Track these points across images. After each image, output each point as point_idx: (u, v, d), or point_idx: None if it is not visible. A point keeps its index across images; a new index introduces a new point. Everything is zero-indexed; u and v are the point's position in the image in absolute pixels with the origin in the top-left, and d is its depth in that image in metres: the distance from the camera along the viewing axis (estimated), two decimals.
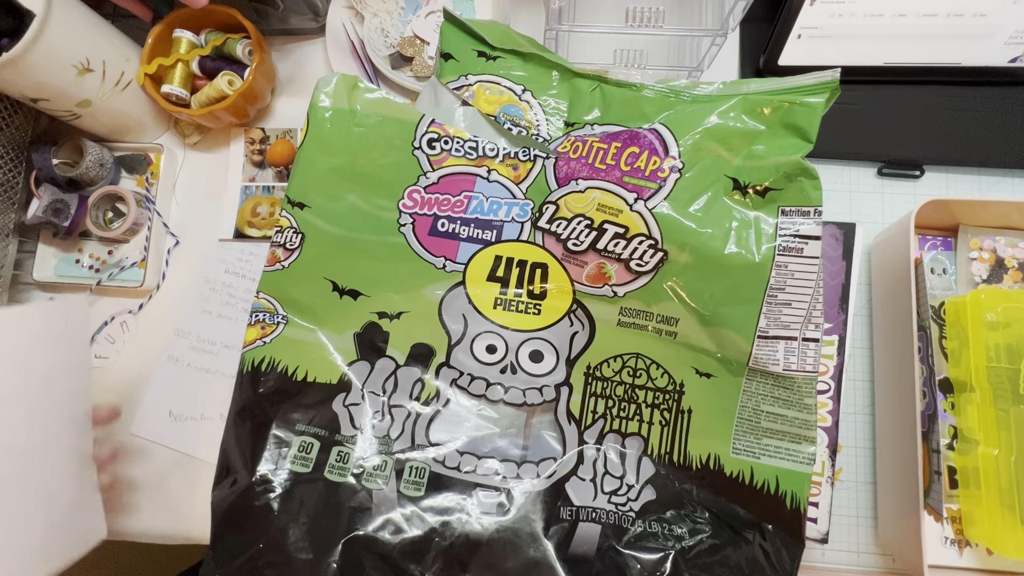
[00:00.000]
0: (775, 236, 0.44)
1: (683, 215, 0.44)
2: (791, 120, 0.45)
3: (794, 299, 0.43)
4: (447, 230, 0.48)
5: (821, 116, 0.44)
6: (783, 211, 0.44)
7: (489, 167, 0.49)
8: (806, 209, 0.43)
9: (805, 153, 0.44)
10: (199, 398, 0.57)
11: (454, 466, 0.44)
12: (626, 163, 0.46)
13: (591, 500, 0.44)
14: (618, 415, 0.46)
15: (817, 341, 0.43)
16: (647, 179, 0.45)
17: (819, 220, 0.43)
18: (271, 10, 0.61)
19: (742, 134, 0.46)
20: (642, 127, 0.47)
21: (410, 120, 0.49)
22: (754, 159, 0.45)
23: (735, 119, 0.46)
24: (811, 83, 0.44)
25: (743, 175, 0.45)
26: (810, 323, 0.43)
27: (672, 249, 0.44)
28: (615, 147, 0.46)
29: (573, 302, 0.47)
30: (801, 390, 0.44)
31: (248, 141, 0.62)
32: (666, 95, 0.48)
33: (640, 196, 0.45)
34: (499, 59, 0.51)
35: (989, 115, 0.58)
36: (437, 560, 0.42)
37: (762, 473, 0.44)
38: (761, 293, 0.43)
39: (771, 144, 0.45)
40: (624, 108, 0.48)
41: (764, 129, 0.46)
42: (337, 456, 0.44)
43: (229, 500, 0.43)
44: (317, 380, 0.46)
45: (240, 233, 0.60)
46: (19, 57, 0.47)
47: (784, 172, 0.44)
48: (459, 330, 0.47)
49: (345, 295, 0.47)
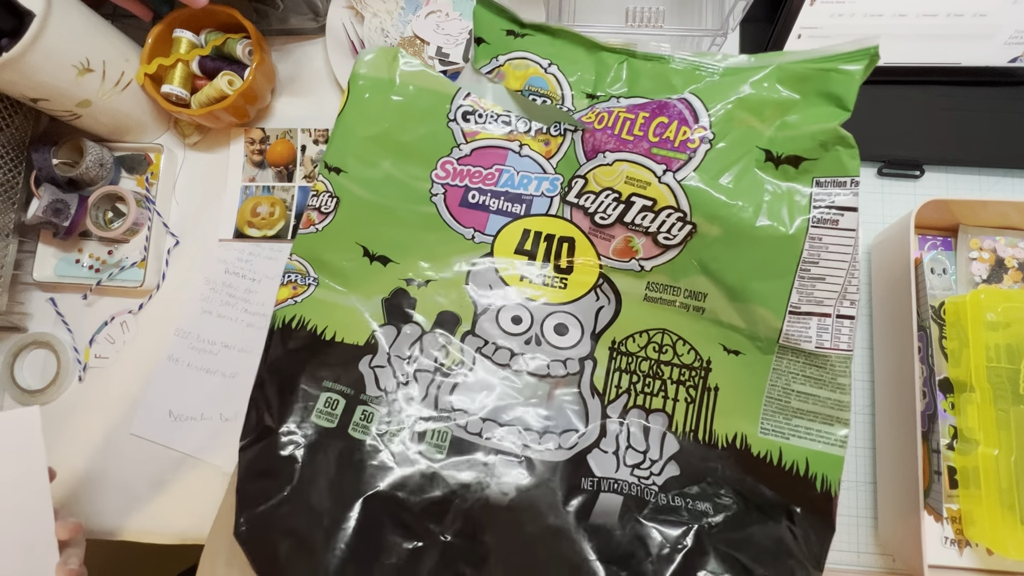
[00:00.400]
0: (809, 208, 0.42)
1: (713, 187, 0.44)
2: (828, 88, 0.43)
3: (828, 273, 0.42)
4: (477, 202, 0.49)
5: (859, 84, 0.43)
6: (818, 182, 0.43)
7: (521, 142, 0.49)
8: (842, 179, 0.42)
9: (842, 121, 0.42)
10: (199, 398, 0.57)
11: (476, 432, 0.44)
12: (655, 133, 0.45)
13: (613, 472, 0.43)
14: (642, 391, 0.45)
15: (852, 318, 0.42)
16: (676, 150, 0.45)
17: (855, 191, 0.42)
18: (271, 10, 0.61)
19: (776, 104, 0.45)
20: (671, 97, 0.46)
21: (447, 92, 0.50)
22: (788, 129, 0.44)
23: (769, 89, 0.45)
24: (849, 50, 0.43)
25: (776, 146, 0.44)
26: (845, 299, 0.42)
27: (701, 222, 0.44)
28: (643, 117, 0.46)
29: (600, 276, 0.47)
30: (835, 369, 0.42)
31: (248, 141, 0.62)
32: (696, 67, 0.47)
33: (669, 168, 0.44)
34: (527, 36, 0.52)
35: (989, 115, 0.58)
36: (456, 521, 0.42)
37: (791, 454, 0.43)
38: (793, 267, 0.42)
39: (806, 113, 0.44)
40: (652, 80, 0.48)
41: (799, 99, 0.44)
42: (361, 415, 0.44)
43: (256, 449, 0.44)
44: (345, 340, 0.46)
45: (240, 233, 0.60)
46: (19, 57, 0.47)
47: (820, 141, 0.42)
48: (485, 300, 0.47)
49: (375, 260, 0.48)
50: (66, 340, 0.59)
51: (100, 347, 0.59)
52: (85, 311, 0.60)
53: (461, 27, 0.60)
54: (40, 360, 0.60)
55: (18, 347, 0.60)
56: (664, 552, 0.41)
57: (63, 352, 0.59)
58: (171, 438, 0.56)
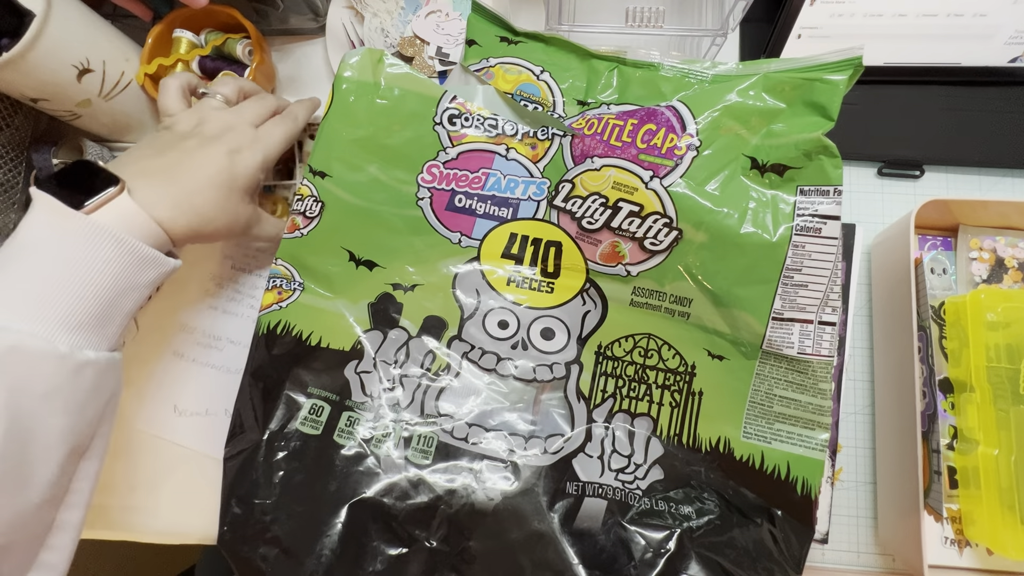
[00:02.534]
0: (793, 216, 0.43)
1: (699, 194, 0.44)
2: (812, 98, 0.44)
3: (811, 280, 0.43)
4: (464, 206, 0.49)
5: (844, 94, 0.43)
6: (801, 190, 0.43)
7: (508, 145, 0.49)
8: (825, 188, 0.42)
9: (826, 131, 0.43)
10: (204, 394, 0.57)
11: (462, 437, 0.45)
12: (642, 140, 0.45)
13: (598, 476, 0.44)
14: (628, 395, 0.46)
15: (834, 325, 0.43)
16: (663, 156, 0.45)
17: (838, 200, 0.42)
18: (271, 10, 0.61)
19: (762, 112, 0.45)
20: (659, 105, 0.47)
21: (432, 95, 0.50)
22: (773, 137, 0.44)
23: (755, 97, 0.45)
24: (834, 60, 0.44)
25: (761, 154, 0.44)
26: (827, 306, 0.43)
27: (687, 228, 0.44)
28: (631, 124, 0.46)
29: (586, 281, 0.47)
30: (816, 374, 0.43)
31: None
32: (685, 74, 0.48)
33: (656, 174, 0.45)
34: (520, 44, 0.52)
35: (989, 115, 0.58)
36: (442, 527, 0.42)
37: (773, 458, 0.43)
38: (777, 274, 0.43)
39: (791, 123, 0.45)
40: (642, 87, 0.48)
41: (784, 107, 0.45)
42: (347, 421, 0.44)
43: (240, 456, 0.44)
44: (330, 346, 0.46)
45: None
46: (19, 57, 0.47)
47: (804, 150, 0.43)
48: (472, 305, 0.47)
49: (361, 265, 0.48)
50: None
51: None
52: None
53: (461, 27, 0.60)
54: None
55: None
56: (647, 557, 0.41)
57: None
58: (175, 433, 0.57)
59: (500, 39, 0.52)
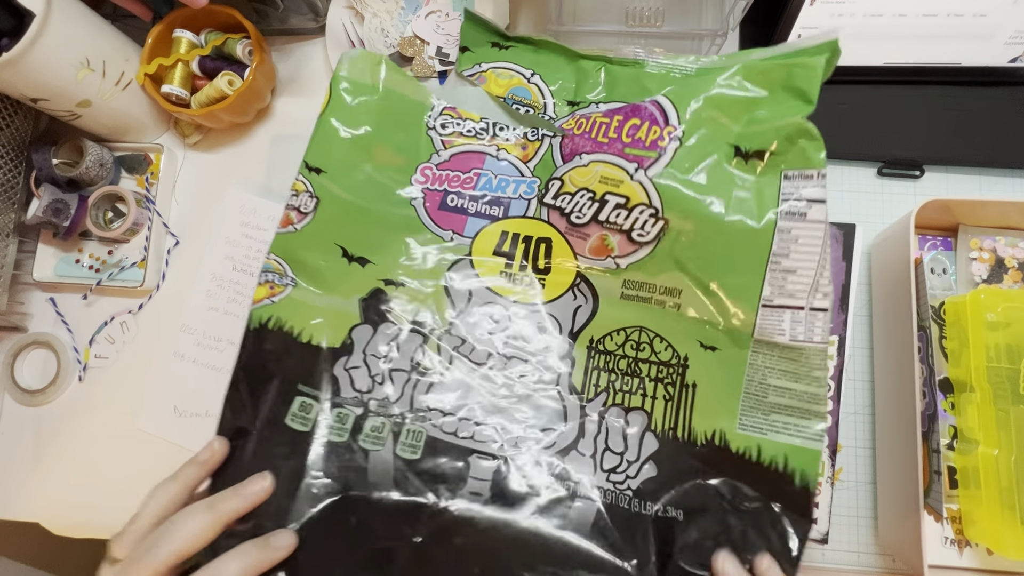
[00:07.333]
0: (777, 201, 0.43)
1: (683, 184, 0.44)
2: (792, 83, 0.44)
3: (799, 266, 0.42)
4: (456, 205, 0.49)
5: (823, 77, 0.43)
6: (786, 175, 0.43)
7: (498, 146, 0.51)
8: (809, 172, 0.42)
9: (806, 115, 0.43)
10: (204, 394, 0.57)
11: (452, 432, 0.44)
12: (627, 135, 0.46)
13: (591, 475, 0.44)
14: (621, 389, 0.46)
15: (826, 311, 0.42)
16: (647, 149, 0.45)
17: (823, 183, 0.42)
18: (271, 10, 0.61)
19: (743, 101, 0.45)
20: (644, 100, 0.47)
21: (426, 101, 0.51)
22: (755, 124, 0.44)
23: (737, 86, 0.45)
24: (812, 44, 0.44)
25: (744, 142, 0.44)
26: (818, 291, 0.42)
27: (673, 218, 0.44)
28: (617, 120, 0.47)
29: (576, 276, 0.48)
30: (810, 362, 0.42)
31: None
32: (669, 69, 0.49)
33: (641, 166, 0.45)
34: (511, 48, 0.54)
35: (989, 115, 0.58)
36: (429, 523, 0.42)
37: (770, 450, 0.43)
38: (764, 260, 0.43)
39: (773, 109, 0.44)
40: (628, 85, 0.49)
41: (766, 95, 0.45)
42: (336, 417, 0.44)
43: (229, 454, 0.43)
44: (321, 343, 0.46)
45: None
46: (19, 57, 0.47)
47: (785, 135, 0.43)
48: (463, 301, 0.48)
49: (354, 261, 0.48)
50: (66, 340, 0.59)
51: (100, 347, 0.59)
52: (85, 311, 0.60)
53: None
54: (40, 360, 0.60)
55: (18, 347, 0.60)
56: (641, 554, 0.41)
57: (63, 352, 0.59)
58: (176, 434, 0.57)
59: (492, 44, 0.54)
